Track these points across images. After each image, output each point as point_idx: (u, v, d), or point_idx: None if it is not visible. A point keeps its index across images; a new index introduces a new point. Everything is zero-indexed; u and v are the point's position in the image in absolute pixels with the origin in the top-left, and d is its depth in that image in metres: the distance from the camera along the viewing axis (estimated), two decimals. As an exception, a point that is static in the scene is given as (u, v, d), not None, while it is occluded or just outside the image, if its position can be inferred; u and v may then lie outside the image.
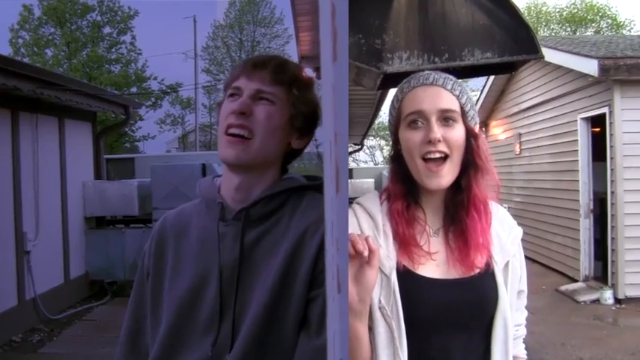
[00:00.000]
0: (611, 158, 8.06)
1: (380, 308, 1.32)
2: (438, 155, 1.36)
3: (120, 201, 8.82)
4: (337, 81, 0.69)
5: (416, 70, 2.07)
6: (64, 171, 8.39)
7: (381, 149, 37.32)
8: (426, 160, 1.37)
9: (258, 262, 1.32)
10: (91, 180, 9.18)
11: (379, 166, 26.88)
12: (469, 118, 1.43)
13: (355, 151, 20.50)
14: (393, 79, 2.18)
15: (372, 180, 15.83)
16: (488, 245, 1.43)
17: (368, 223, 1.41)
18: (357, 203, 1.46)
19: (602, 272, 8.55)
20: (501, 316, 1.40)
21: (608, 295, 7.88)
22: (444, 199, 1.44)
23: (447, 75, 1.45)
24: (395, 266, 1.35)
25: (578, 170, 8.99)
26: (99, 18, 28.52)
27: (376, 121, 18.14)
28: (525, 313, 1.68)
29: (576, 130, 9.07)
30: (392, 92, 1.51)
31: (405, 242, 1.37)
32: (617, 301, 7.84)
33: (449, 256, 1.41)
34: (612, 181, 8.06)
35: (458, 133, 1.39)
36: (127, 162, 16.27)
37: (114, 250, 8.75)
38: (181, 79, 35.94)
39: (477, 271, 1.40)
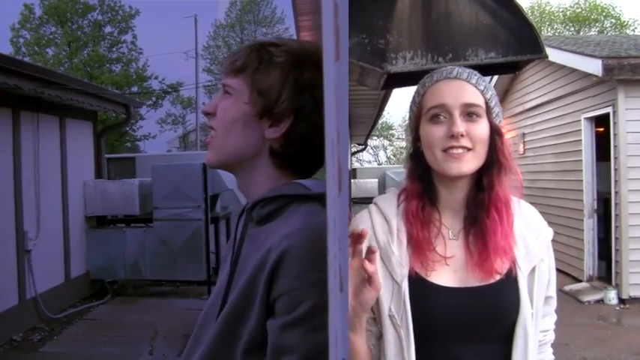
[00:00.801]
0: (615, 158, 8.05)
1: (390, 316, 1.28)
2: (460, 151, 1.31)
3: (121, 200, 8.82)
4: (340, 80, 0.69)
5: (420, 70, 2.06)
6: (64, 170, 8.38)
7: (385, 149, 37.37)
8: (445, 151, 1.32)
9: (241, 269, 1.22)
10: (91, 179, 9.18)
11: (383, 166, 26.89)
12: (494, 115, 1.37)
13: (359, 151, 20.48)
14: (397, 79, 2.18)
15: (376, 180, 15.83)
16: (511, 249, 1.35)
17: (382, 227, 1.35)
18: (374, 203, 1.41)
19: (606, 272, 8.54)
20: (522, 326, 1.32)
21: (612, 295, 7.86)
22: (465, 199, 1.37)
23: (472, 70, 1.40)
24: (407, 274, 1.30)
25: (582, 170, 8.98)
26: (100, 17, 28.54)
27: (380, 121, 18.12)
28: (554, 317, 1.61)
29: (580, 129, 9.06)
30: (396, 92, 1.50)
31: (418, 246, 1.32)
32: (621, 301, 7.83)
33: (468, 260, 1.34)
34: (616, 181, 8.05)
35: (482, 128, 1.34)
36: (127, 161, 16.27)
37: (115, 249, 8.75)
38: (182, 78, 35.93)
39: (498, 277, 1.33)
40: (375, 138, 33.26)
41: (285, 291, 1.09)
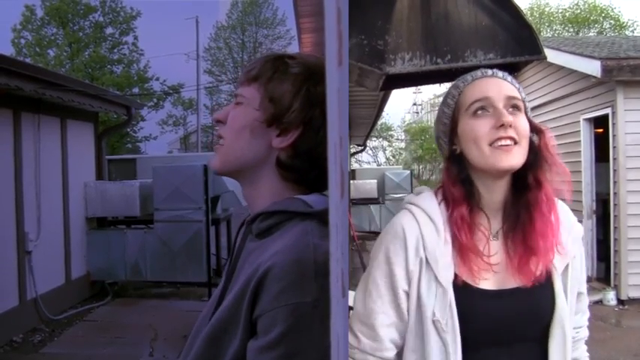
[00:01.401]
0: (614, 159, 8.05)
1: (434, 322, 1.25)
2: (508, 142, 1.29)
3: (121, 202, 8.82)
4: (342, 85, 0.69)
5: (418, 71, 2.06)
6: (65, 171, 8.39)
7: (384, 150, 37.40)
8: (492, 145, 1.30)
9: (234, 283, 1.20)
10: (92, 180, 9.19)
11: (382, 167, 26.90)
12: (529, 113, 1.40)
13: (358, 152, 20.50)
14: (396, 80, 2.18)
15: (375, 181, 15.80)
16: (553, 252, 1.34)
17: (429, 228, 1.31)
18: (414, 205, 1.36)
19: (605, 273, 8.54)
20: (559, 325, 1.33)
21: (610, 297, 7.86)
22: (504, 199, 1.36)
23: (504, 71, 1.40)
24: (452, 278, 1.28)
25: (580, 171, 8.96)
26: (101, 18, 28.58)
27: (379, 122, 18.13)
28: (587, 314, 1.62)
29: (579, 130, 9.07)
30: (395, 93, 1.49)
31: (466, 251, 1.29)
32: (620, 302, 7.83)
33: (507, 262, 1.33)
34: (615, 182, 8.05)
35: (525, 122, 1.34)
36: (128, 163, 16.25)
37: (115, 250, 8.75)
38: (183, 80, 35.87)
39: (536, 279, 1.32)
40: (374, 139, 33.27)
41: (264, 311, 1.07)
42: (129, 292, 9.26)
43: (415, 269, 1.25)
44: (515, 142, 1.30)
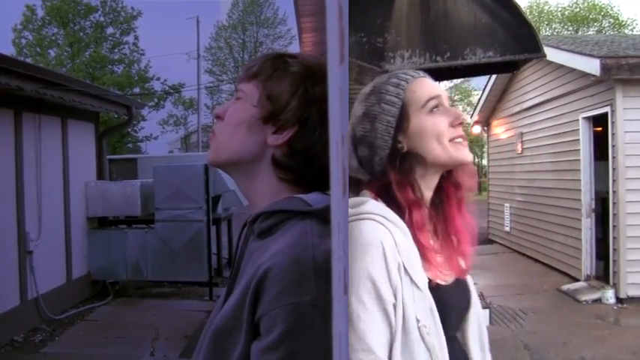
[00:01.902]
0: (613, 157, 8.05)
1: (419, 327, 1.23)
2: (462, 139, 1.34)
3: (122, 201, 8.83)
4: (344, 83, 0.69)
5: (418, 69, 2.06)
6: (66, 171, 8.39)
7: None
8: (452, 141, 1.32)
9: (238, 284, 1.19)
10: (93, 180, 9.19)
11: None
12: None
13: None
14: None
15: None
16: (469, 244, 1.39)
17: (398, 233, 1.27)
18: (375, 214, 1.27)
19: (604, 272, 8.54)
20: (474, 312, 1.41)
21: (609, 295, 7.86)
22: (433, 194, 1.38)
23: None
24: (427, 280, 1.27)
25: (579, 170, 8.99)
26: (102, 18, 28.62)
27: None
28: None
29: (578, 129, 9.08)
30: None
31: (428, 253, 1.30)
32: (619, 300, 7.83)
33: (445, 256, 1.34)
34: (614, 181, 8.05)
35: None
36: (129, 162, 16.29)
37: (116, 250, 8.76)
38: (184, 79, 35.90)
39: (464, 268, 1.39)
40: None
41: (265, 312, 1.06)
42: (130, 291, 9.26)
43: (397, 279, 1.23)
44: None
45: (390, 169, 1.33)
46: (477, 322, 1.41)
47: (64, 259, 8.30)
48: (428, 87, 1.36)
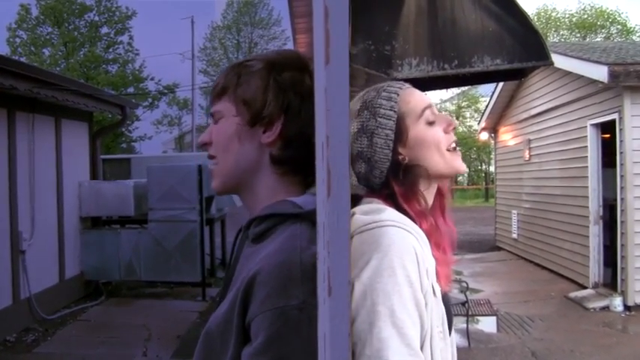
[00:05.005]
0: (621, 165, 8.03)
1: (439, 333, 1.25)
2: (456, 145, 1.36)
3: (116, 201, 8.81)
4: (330, 84, 0.69)
5: (425, 77, 2.07)
6: (60, 171, 8.37)
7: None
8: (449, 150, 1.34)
9: (231, 289, 1.19)
10: (87, 180, 9.17)
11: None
12: None
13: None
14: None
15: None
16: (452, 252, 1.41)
17: (424, 244, 1.26)
18: (401, 222, 1.25)
19: (612, 279, 8.50)
20: (453, 320, 1.42)
21: (617, 302, 7.84)
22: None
23: None
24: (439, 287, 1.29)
25: (587, 176, 8.96)
26: (97, 18, 28.47)
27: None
28: None
29: (586, 136, 9.06)
30: None
31: (440, 261, 1.31)
32: (627, 308, 7.80)
33: (437, 266, 1.33)
34: (622, 188, 8.03)
35: None
36: (123, 162, 16.25)
37: (109, 250, 8.74)
38: (178, 79, 35.84)
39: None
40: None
41: (253, 316, 1.07)
42: (123, 291, 9.24)
43: (427, 283, 1.24)
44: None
45: (394, 182, 1.33)
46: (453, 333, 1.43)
47: (57, 258, 8.28)
48: (419, 97, 1.37)
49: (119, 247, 8.72)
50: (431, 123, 1.34)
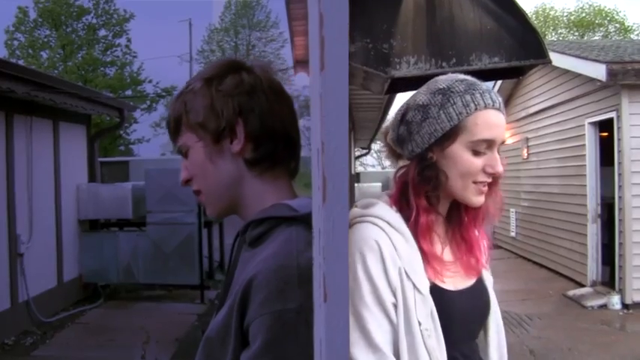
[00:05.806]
0: (619, 163, 8.04)
1: (421, 330, 1.26)
2: (486, 186, 1.36)
3: (114, 204, 8.80)
4: (325, 90, 0.68)
5: (423, 75, 2.08)
6: (58, 174, 8.36)
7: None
8: (475, 183, 1.35)
9: (230, 294, 1.19)
10: (85, 183, 9.16)
11: (386, 170, 26.90)
12: None
13: (362, 155, 20.44)
14: (401, 84, 2.19)
15: (380, 184, 15.89)
16: (482, 251, 1.45)
17: (398, 238, 1.30)
18: (376, 217, 1.32)
19: (610, 277, 8.51)
20: (494, 317, 1.45)
21: (615, 301, 7.85)
22: (450, 205, 1.43)
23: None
24: (429, 284, 1.30)
25: (585, 175, 8.96)
26: (94, 21, 28.44)
27: (383, 125, 18.26)
28: None
29: (584, 134, 9.06)
30: (400, 96, 1.48)
31: (432, 257, 1.33)
32: (625, 306, 7.81)
33: (458, 263, 1.40)
34: (620, 186, 8.04)
35: None
36: (121, 165, 16.25)
37: (107, 253, 8.73)
38: (176, 82, 35.67)
39: (478, 277, 1.43)
40: (379, 142, 33.19)
41: (250, 320, 1.07)
42: (121, 294, 9.23)
43: (397, 280, 1.25)
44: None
45: (414, 167, 1.36)
46: (497, 331, 1.45)
47: (55, 261, 8.27)
48: (489, 126, 1.33)
49: (117, 250, 8.71)
50: (477, 153, 1.33)
